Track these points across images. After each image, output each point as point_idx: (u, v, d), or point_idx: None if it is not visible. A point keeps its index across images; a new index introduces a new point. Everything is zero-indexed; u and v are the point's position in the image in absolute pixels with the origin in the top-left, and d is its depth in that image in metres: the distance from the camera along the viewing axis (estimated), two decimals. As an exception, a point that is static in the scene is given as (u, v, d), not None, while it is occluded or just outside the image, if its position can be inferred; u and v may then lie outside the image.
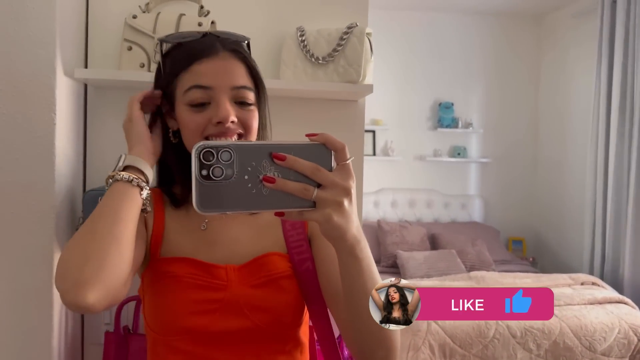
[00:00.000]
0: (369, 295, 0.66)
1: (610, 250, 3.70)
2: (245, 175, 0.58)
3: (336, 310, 0.81)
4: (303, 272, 0.86)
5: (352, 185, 0.61)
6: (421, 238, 4.04)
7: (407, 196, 4.49)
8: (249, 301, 0.82)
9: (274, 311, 0.83)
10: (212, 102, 0.81)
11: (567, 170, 4.31)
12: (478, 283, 3.19)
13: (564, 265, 4.27)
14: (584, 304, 2.86)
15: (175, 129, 0.88)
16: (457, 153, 4.51)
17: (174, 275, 0.83)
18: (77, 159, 1.28)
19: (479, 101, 4.59)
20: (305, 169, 0.59)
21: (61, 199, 1.17)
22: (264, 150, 0.58)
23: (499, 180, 4.64)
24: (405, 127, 4.47)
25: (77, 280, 0.65)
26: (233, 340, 0.82)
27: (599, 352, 2.58)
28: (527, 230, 4.66)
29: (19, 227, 1.12)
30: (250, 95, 0.83)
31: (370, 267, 0.68)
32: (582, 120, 4.07)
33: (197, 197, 0.57)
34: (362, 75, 1.24)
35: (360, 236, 0.65)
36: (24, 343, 1.12)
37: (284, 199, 0.59)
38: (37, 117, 1.11)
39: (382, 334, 0.70)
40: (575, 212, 4.15)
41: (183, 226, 0.90)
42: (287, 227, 0.89)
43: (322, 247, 0.86)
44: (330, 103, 1.39)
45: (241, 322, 0.82)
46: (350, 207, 0.61)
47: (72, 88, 1.22)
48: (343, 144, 0.61)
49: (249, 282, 0.84)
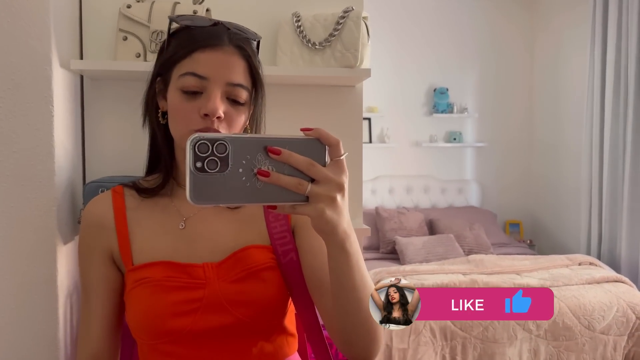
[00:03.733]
0: (356, 289, 0.69)
1: (606, 230, 3.73)
2: (240, 168, 0.58)
3: (320, 301, 0.82)
4: (287, 263, 0.86)
5: (346, 180, 0.61)
6: (419, 224, 4.05)
7: (404, 183, 4.50)
8: (230, 296, 0.82)
9: (256, 304, 0.83)
10: (204, 92, 0.80)
11: (562, 152, 4.32)
12: (477, 266, 3.21)
13: (562, 246, 4.30)
14: (582, 283, 2.89)
15: (164, 110, 0.87)
16: (453, 138, 4.52)
17: (150, 281, 0.82)
18: (76, 150, 1.28)
19: (473, 86, 4.59)
20: (300, 163, 0.59)
21: (62, 192, 1.17)
22: (259, 143, 0.59)
23: (495, 164, 4.66)
24: (401, 113, 4.46)
25: None
26: (218, 336, 0.82)
27: (597, 330, 2.61)
28: (524, 213, 4.69)
29: (20, 221, 1.11)
30: (243, 95, 0.82)
31: (359, 261, 0.69)
32: (577, 102, 4.09)
33: (191, 189, 0.57)
34: (359, 60, 1.24)
35: (350, 231, 0.65)
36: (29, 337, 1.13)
37: (278, 193, 0.59)
38: (35, 110, 1.10)
39: (368, 325, 0.72)
40: (572, 194, 4.17)
41: (159, 225, 0.88)
42: (270, 218, 0.89)
43: (306, 238, 0.86)
44: (328, 89, 1.39)
45: (224, 318, 0.81)
46: (343, 202, 0.62)
47: (68, 80, 1.22)
48: (337, 140, 0.61)
49: (229, 278, 0.83)
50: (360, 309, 0.70)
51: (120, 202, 0.89)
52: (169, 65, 0.83)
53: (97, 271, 0.88)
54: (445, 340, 2.57)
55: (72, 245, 1.23)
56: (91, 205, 0.91)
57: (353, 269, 0.67)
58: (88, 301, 0.90)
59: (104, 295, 0.88)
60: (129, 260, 0.85)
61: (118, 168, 1.31)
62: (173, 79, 0.83)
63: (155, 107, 0.88)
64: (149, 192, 0.88)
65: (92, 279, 0.89)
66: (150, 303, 0.81)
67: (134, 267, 0.84)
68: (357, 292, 0.69)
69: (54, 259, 1.14)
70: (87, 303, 0.90)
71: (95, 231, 0.88)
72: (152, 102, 0.88)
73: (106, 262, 0.88)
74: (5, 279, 1.12)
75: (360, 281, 0.69)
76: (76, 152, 1.27)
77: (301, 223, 0.87)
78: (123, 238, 0.87)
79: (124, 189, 0.91)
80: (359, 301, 0.70)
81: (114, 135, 1.33)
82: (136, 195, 0.89)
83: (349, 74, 1.26)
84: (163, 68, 0.85)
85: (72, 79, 1.25)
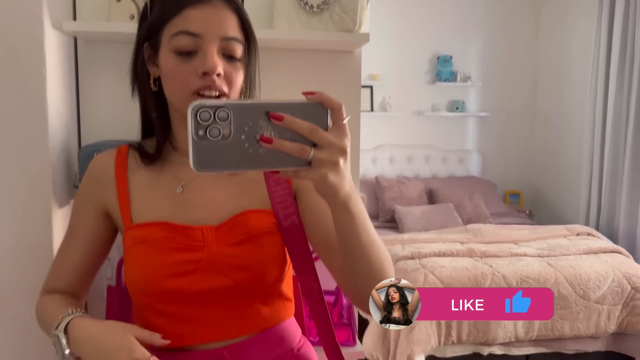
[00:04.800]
0: (364, 247, 0.69)
1: (606, 202, 3.74)
2: (242, 134, 0.58)
3: (329, 260, 0.81)
4: (288, 227, 0.86)
5: (348, 144, 0.61)
6: (419, 193, 4.06)
7: (405, 152, 4.48)
8: (228, 260, 0.82)
9: (254, 268, 0.82)
10: (199, 51, 0.77)
11: (565, 122, 4.29)
12: (475, 236, 3.23)
13: (560, 217, 4.32)
14: (579, 253, 2.91)
15: (156, 76, 0.84)
16: (456, 107, 4.48)
17: (148, 240, 0.82)
18: (71, 114, 1.27)
19: (477, 54, 4.52)
20: (302, 129, 0.59)
21: (57, 156, 1.16)
22: (261, 109, 0.58)
23: (497, 134, 4.63)
24: (403, 81, 4.41)
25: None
26: (214, 298, 0.82)
27: (592, 300, 2.64)
28: (524, 184, 4.68)
29: (15, 184, 1.12)
30: (239, 49, 0.80)
31: (364, 221, 0.69)
32: (581, 72, 4.03)
33: (194, 156, 0.57)
34: (357, 24, 1.22)
35: (353, 192, 0.65)
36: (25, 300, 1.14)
37: (281, 158, 0.59)
38: (27, 73, 1.09)
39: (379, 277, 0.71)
40: (573, 165, 4.16)
41: (157, 189, 0.87)
42: (271, 182, 0.88)
43: (310, 199, 0.86)
44: (325, 54, 1.37)
45: (221, 280, 0.81)
46: (345, 165, 0.62)
47: (61, 41, 1.20)
48: (340, 104, 0.60)
49: (227, 241, 0.83)
50: (370, 265, 0.71)
51: (123, 162, 0.89)
52: (157, 27, 0.80)
53: (86, 220, 0.89)
54: (442, 308, 2.61)
55: (67, 209, 1.23)
56: (97, 159, 0.91)
57: (358, 228, 0.68)
58: (69, 244, 0.91)
59: (85, 243, 0.89)
60: (127, 218, 0.85)
61: (113, 132, 1.30)
62: (164, 42, 0.79)
63: (145, 74, 0.85)
64: (149, 157, 0.87)
65: (79, 225, 0.90)
66: (148, 262, 0.81)
67: (132, 225, 0.84)
68: (365, 249, 0.70)
69: (50, 222, 1.15)
70: (67, 244, 0.91)
71: (96, 184, 0.88)
72: (141, 70, 0.85)
73: (98, 214, 0.88)
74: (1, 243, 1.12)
75: (367, 239, 0.69)
76: (71, 116, 1.26)
77: (303, 186, 0.87)
78: (123, 195, 0.86)
79: (129, 150, 0.90)
80: (367, 257, 0.70)
81: (109, 99, 1.32)
82: (138, 159, 0.88)
83: (347, 38, 1.23)
84: (150, 32, 0.82)
85: (65, 40, 1.23)
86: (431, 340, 2.53)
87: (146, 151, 0.88)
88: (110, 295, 1.27)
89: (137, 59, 0.85)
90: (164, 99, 0.84)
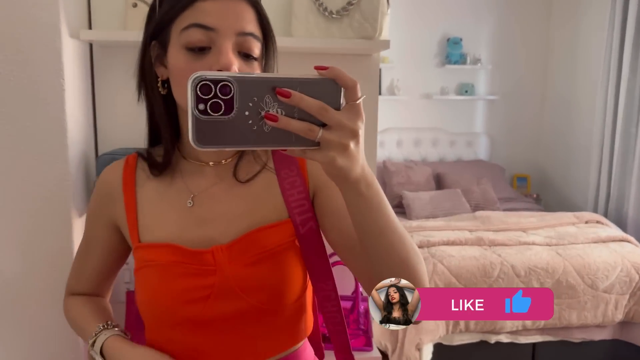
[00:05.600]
0: (384, 234, 0.63)
1: (615, 188, 3.72)
2: (246, 111, 0.53)
3: (353, 262, 0.76)
4: (306, 233, 0.80)
5: (361, 126, 0.56)
6: (426, 178, 4.05)
7: (412, 135, 4.45)
8: (243, 282, 0.76)
9: (272, 289, 0.77)
10: (213, 47, 0.70)
11: (575, 106, 4.24)
12: (483, 223, 3.23)
13: (568, 202, 4.31)
14: (588, 242, 2.91)
15: (164, 78, 0.76)
16: (465, 90, 4.43)
17: (157, 264, 0.77)
18: (88, 122, 1.26)
19: (488, 36, 4.45)
20: (312, 107, 0.54)
21: (76, 165, 1.16)
22: (267, 84, 0.54)
23: (506, 118, 4.59)
24: (412, 64, 4.35)
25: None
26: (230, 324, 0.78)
27: (600, 289, 2.65)
28: (532, 168, 4.67)
29: (35, 194, 1.12)
30: (256, 47, 0.73)
31: (380, 205, 0.62)
32: (593, 55, 3.96)
33: (194, 132, 0.53)
34: (378, 31, 1.19)
35: (366, 174, 0.60)
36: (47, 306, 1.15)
37: (286, 137, 0.55)
38: (45, 83, 1.08)
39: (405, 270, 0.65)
40: (582, 150, 4.13)
41: (166, 202, 0.81)
42: (286, 185, 0.81)
43: (328, 200, 0.79)
44: (343, 58, 1.35)
45: (237, 304, 0.76)
46: (357, 149, 0.57)
47: (78, 50, 1.18)
48: (355, 81, 0.55)
49: (241, 261, 0.76)
50: (393, 254, 0.64)
51: (131, 175, 0.83)
52: (167, 21, 0.73)
53: (100, 234, 0.87)
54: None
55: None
56: (104, 173, 0.87)
57: (374, 213, 0.62)
58: (87, 250, 0.90)
59: (102, 252, 0.88)
60: (135, 236, 0.81)
61: (130, 139, 1.29)
62: (173, 37, 0.72)
63: (153, 76, 0.77)
64: (157, 168, 0.82)
65: (94, 238, 0.88)
66: (159, 289, 0.77)
67: (141, 245, 0.80)
68: (386, 237, 0.64)
69: (70, 231, 1.16)
70: (85, 251, 0.90)
71: (106, 201, 0.85)
72: (149, 72, 0.77)
73: (110, 229, 0.86)
74: (22, 253, 1.13)
75: (386, 224, 0.63)
76: (88, 124, 1.26)
77: (321, 185, 0.80)
78: (131, 212, 0.82)
79: (138, 161, 0.85)
80: (390, 246, 0.64)
81: (125, 105, 1.30)
82: (147, 169, 0.83)
83: (367, 45, 1.21)
84: (158, 28, 0.74)
85: (82, 48, 1.21)
86: (439, 329, 2.56)
87: (155, 161, 0.82)
88: (129, 300, 1.29)
89: (144, 60, 0.78)
90: (173, 103, 0.78)
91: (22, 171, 1.10)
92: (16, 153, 1.09)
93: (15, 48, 1.04)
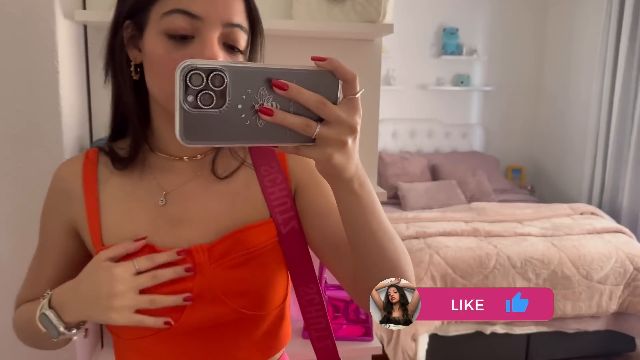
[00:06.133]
0: (375, 236, 0.61)
1: (610, 180, 3.74)
2: (239, 104, 0.50)
3: (337, 265, 0.72)
4: (288, 234, 0.75)
5: (359, 122, 0.53)
6: (422, 169, 4.04)
7: (408, 126, 4.43)
8: (225, 285, 0.70)
9: (256, 293, 0.72)
10: (197, 37, 0.64)
11: (570, 98, 4.24)
12: (479, 214, 3.23)
13: (562, 193, 4.32)
14: (583, 233, 2.92)
15: (137, 62, 0.69)
16: (460, 82, 4.42)
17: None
18: (83, 107, 1.22)
19: (484, 27, 4.43)
20: (309, 101, 0.51)
21: (70, 150, 1.13)
22: (262, 75, 0.50)
23: (501, 109, 4.58)
24: (408, 54, 4.32)
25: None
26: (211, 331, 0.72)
27: (595, 280, 2.66)
28: (527, 159, 4.67)
29: (28, 181, 1.09)
30: (243, 39, 0.67)
31: (373, 205, 0.60)
32: (590, 48, 3.96)
33: (181, 126, 0.49)
34: (382, 14, 1.17)
35: (360, 173, 0.57)
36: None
37: (281, 133, 0.52)
38: (39, 65, 1.04)
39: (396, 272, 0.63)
40: (577, 141, 4.14)
41: (134, 200, 0.73)
42: (267, 183, 0.76)
43: (311, 198, 0.75)
44: (345, 43, 1.32)
45: (218, 310, 0.71)
46: (354, 145, 0.54)
47: (72, 31, 1.14)
48: (354, 74, 0.52)
49: (224, 263, 0.71)
50: (384, 258, 0.62)
51: (92, 171, 0.75)
52: (146, 2, 0.66)
53: (56, 239, 0.77)
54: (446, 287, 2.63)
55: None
56: (61, 168, 0.77)
57: (367, 213, 0.60)
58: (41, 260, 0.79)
59: (58, 261, 0.77)
60: (98, 239, 0.72)
61: (126, 124, 1.26)
62: (153, 20, 0.65)
63: (125, 59, 0.70)
64: (122, 162, 0.74)
65: (49, 244, 0.78)
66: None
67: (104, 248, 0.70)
68: (377, 238, 0.61)
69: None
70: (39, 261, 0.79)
71: (62, 199, 0.75)
72: (120, 54, 0.70)
73: (68, 232, 0.76)
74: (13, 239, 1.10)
75: (378, 226, 0.61)
76: (82, 108, 1.22)
77: (303, 183, 0.76)
78: (92, 212, 0.73)
79: (99, 155, 0.76)
80: (380, 248, 0.61)
81: (121, 90, 1.27)
82: (110, 165, 0.75)
83: (370, 29, 1.18)
84: (135, 8, 0.67)
85: (76, 29, 1.17)
86: (435, 320, 2.56)
87: (118, 155, 0.74)
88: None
89: (114, 39, 0.70)
90: (144, 89, 0.70)
91: (15, 155, 1.07)
92: (9, 137, 1.06)
93: (7, 28, 1.00)
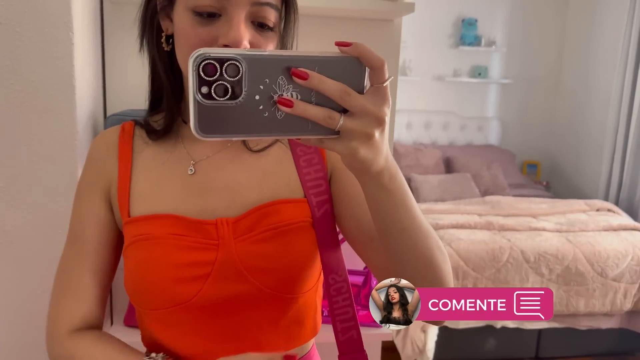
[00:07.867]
0: (407, 232, 0.58)
1: (627, 177, 3.67)
2: (257, 95, 0.47)
3: (372, 256, 0.69)
4: (321, 217, 0.71)
5: (387, 113, 0.50)
6: (436, 161, 4.00)
7: (422, 118, 4.38)
8: (249, 261, 0.67)
9: (282, 271, 0.68)
10: (223, 15, 0.62)
11: (590, 93, 4.16)
12: (493, 208, 3.19)
13: (578, 190, 4.25)
14: (599, 230, 2.87)
15: (169, 33, 0.68)
16: (478, 73, 4.35)
17: (150, 237, 0.67)
18: (97, 81, 1.21)
19: (504, 18, 4.35)
20: (332, 91, 0.48)
21: (83, 125, 1.12)
22: (281, 63, 0.47)
23: (518, 102, 4.51)
24: (425, 45, 4.26)
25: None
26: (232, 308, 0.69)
27: (610, 277, 2.62)
28: (544, 154, 4.60)
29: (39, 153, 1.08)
30: (272, 16, 0.64)
31: (404, 199, 0.57)
32: (610, 41, 3.87)
33: (196, 119, 0.47)
34: (402, -7, 1.14)
35: (390, 166, 0.54)
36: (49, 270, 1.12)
37: (302, 125, 0.49)
38: (53, 36, 1.03)
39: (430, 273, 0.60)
40: (595, 137, 4.06)
41: (164, 170, 0.72)
42: (302, 163, 0.73)
43: (347, 186, 0.72)
44: (364, 22, 1.29)
45: (240, 287, 0.67)
46: (382, 138, 0.50)
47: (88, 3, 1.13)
48: (382, 61, 0.48)
49: (249, 237, 0.68)
50: (416, 255, 0.59)
51: (128, 142, 0.74)
52: None
53: (95, 215, 0.72)
54: (457, 280, 2.60)
55: (94, 179, 1.19)
56: (98, 138, 0.76)
57: (397, 208, 0.56)
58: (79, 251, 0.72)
59: (99, 245, 0.72)
60: (125, 209, 0.70)
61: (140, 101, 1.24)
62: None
63: (157, 28, 0.70)
64: (157, 134, 0.73)
65: (87, 224, 0.72)
66: (150, 265, 0.66)
67: (131, 219, 0.69)
68: (409, 235, 0.58)
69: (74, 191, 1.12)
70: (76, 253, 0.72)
71: (99, 167, 0.73)
72: (152, 23, 0.70)
73: (106, 205, 0.73)
74: (26, 212, 1.10)
75: (411, 221, 0.57)
76: (97, 82, 1.21)
77: (339, 167, 0.73)
78: (124, 180, 0.71)
79: (135, 128, 0.75)
80: (413, 246, 0.58)
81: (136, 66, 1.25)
82: (145, 137, 0.74)
83: (391, 8, 1.16)
84: None
85: (92, 3, 1.16)
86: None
87: (153, 127, 0.73)
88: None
89: (147, 7, 0.70)
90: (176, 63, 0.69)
91: (27, 128, 1.06)
92: (21, 109, 1.05)
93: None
